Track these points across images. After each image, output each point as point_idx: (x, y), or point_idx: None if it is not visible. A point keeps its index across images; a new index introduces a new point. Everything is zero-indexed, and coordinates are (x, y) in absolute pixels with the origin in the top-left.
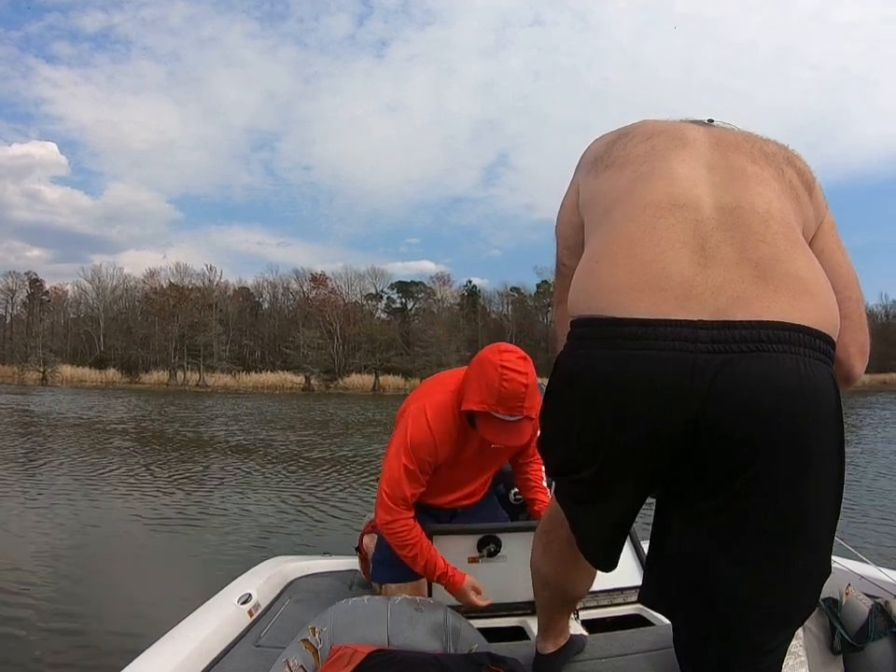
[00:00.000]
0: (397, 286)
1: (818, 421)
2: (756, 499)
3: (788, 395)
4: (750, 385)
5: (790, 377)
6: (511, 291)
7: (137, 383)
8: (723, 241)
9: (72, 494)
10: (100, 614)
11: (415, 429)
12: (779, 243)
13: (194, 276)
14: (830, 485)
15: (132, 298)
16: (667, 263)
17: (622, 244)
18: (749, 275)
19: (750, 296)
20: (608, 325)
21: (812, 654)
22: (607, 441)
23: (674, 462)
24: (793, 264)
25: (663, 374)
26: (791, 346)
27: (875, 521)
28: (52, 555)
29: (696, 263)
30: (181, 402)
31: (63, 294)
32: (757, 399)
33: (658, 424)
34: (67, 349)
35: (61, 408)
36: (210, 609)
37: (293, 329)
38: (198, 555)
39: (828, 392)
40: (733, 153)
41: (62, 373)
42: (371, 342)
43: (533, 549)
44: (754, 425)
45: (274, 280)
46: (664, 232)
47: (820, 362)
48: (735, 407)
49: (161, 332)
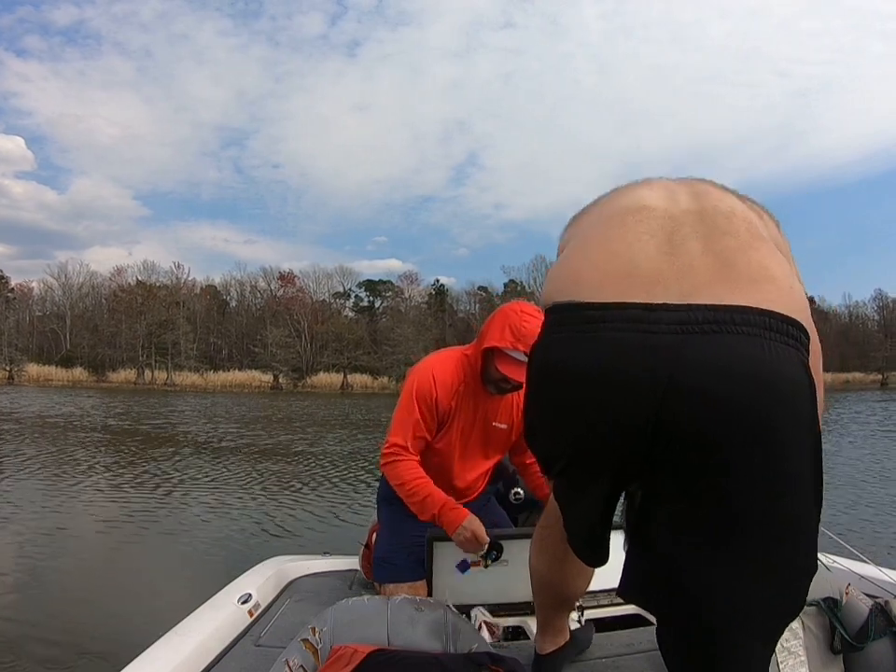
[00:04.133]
0: (364, 284)
1: (780, 406)
2: (725, 493)
3: (745, 379)
4: (706, 368)
5: (748, 360)
6: (479, 290)
7: (105, 381)
8: (689, 235)
9: (70, 494)
10: (100, 614)
11: (421, 378)
12: (742, 235)
13: (162, 274)
14: (804, 480)
15: (98, 295)
16: (635, 253)
17: (592, 239)
18: (714, 264)
19: (714, 283)
20: (568, 310)
21: (812, 654)
22: (569, 433)
23: (640, 453)
24: (757, 254)
25: (618, 358)
26: (754, 328)
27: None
28: (51, 556)
29: (664, 253)
30: (152, 402)
31: (29, 291)
32: (714, 382)
33: (617, 411)
34: (33, 347)
35: (37, 408)
36: (210, 608)
37: (261, 328)
38: (197, 555)
39: (794, 377)
40: (695, 182)
41: (28, 372)
42: (339, 340)
43: (531, 545)
44: (710, 411)
45: (242, 278)
46: (633, 227)
47: (788, 346)
48: (690, 393)
49: (129, 330)
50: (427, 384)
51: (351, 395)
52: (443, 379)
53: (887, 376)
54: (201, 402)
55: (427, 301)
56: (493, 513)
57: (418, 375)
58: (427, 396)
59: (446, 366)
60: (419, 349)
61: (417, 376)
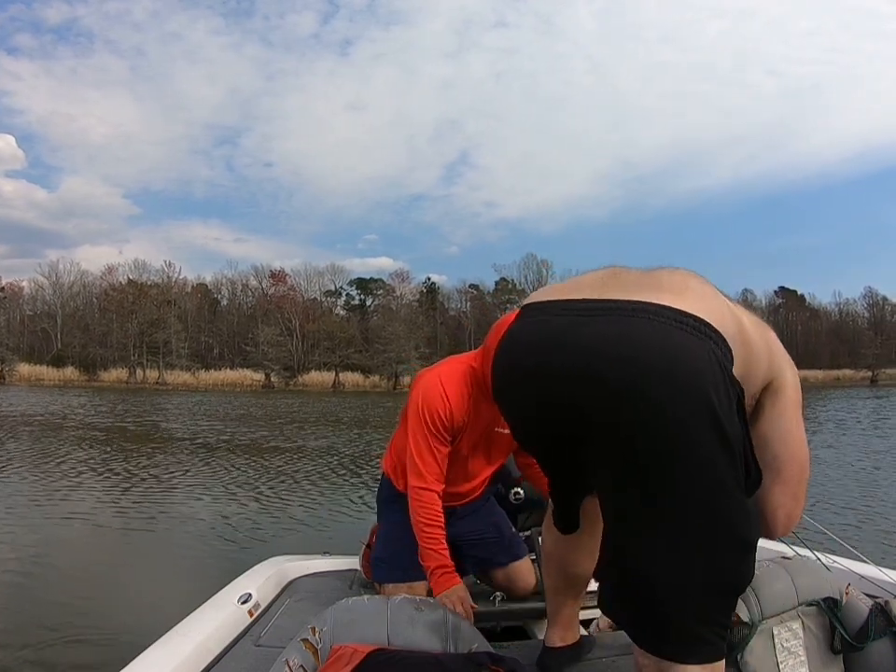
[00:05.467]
0: (356, 282)
1: (671, 385)
2: (627, 476)
3: (620, 359)
4: (598, 342)
5: (641, 339)
6: (470, 288)
7: (96, 381)
8: (630, 281)
9: (68, 494)
10: (99, 614)
11: (433, 401)
12: (676, 290)
13: (153, 272)
14: (710, 465)
15: (89, 294)
16: (581, 282)
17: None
18: (638, 290)
19: (639, 293)
20: (523, 307)
21: (812, 654)
22: (504, 407)
23: (556, 433)
24: (676, 281)
25: (525, 343)
26: (654, 315)
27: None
28: (50, 556)
29: (602, 283)
30: (146, 401)
31: (20, 290)
32: (585, 362)
33: (520, 392)
34: (24, 347)
35: (37, 408)
36: (210, 608)
37: (252, 326)
38: (198, 555)
39: (692, 361)
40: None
41: (19, 372)
42: (331, 339)
43: (543, 528)
44: (582, 390)
45: (233, 276)
46: (583, 277)
47: (693, 336)
48: (564, 373)
49: (120, 329)
50: (441, 407)
51: (343, 393)
52: (455, 398)
53: (876, 373)
54: (193, 401)
55: (419, 299)
56: (492, 513)
57: (428, 396)
58: (441, 420)
59: (454, 379)
60: (410, 347)
61: (428, 398)
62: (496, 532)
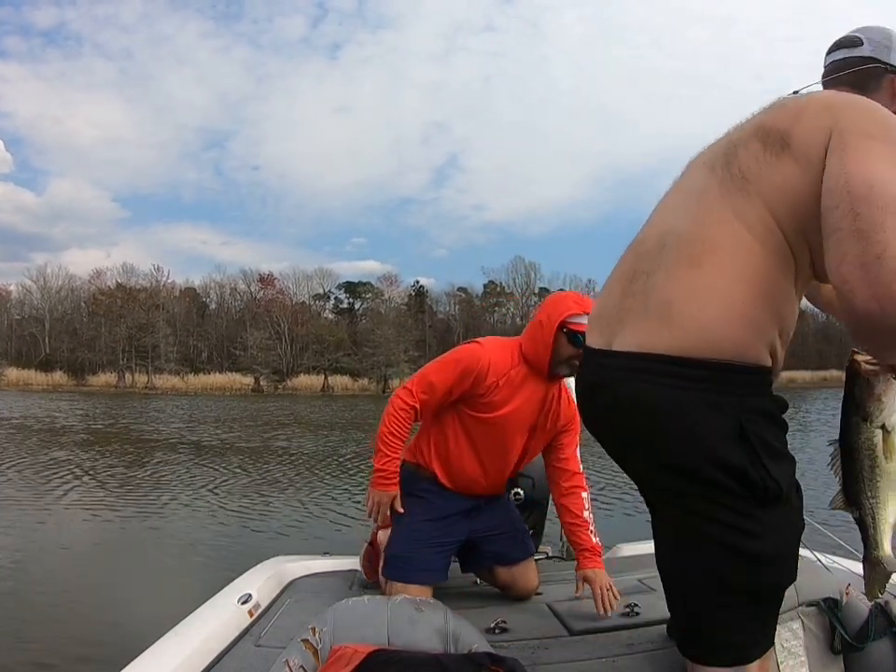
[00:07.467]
0: (344, 286)
1: (636, 440)
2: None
3: (611, 418)
4: (597, 405)
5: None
6: (459, 291)
7: (85, 385)
8: (640, 275)
9: (66, 497)
10: (100, 614)
11: (474, 349)
12: (671, 268)
13: (141, 276)
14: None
15: (77, 298)
16: (604, 297)
17: (609, 278)
18: (634, 306)
19: (626, 327)
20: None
21: (812, 654)
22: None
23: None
24: (666, 292)
25: (581, 388)
26: (625, 372)
27: None
28: (51, 557)
29: (621, 295)
30: (136, 405)
31: (7, 294)
32: (598, 418)
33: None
34: (12, 351)
35: (33, 412)
36: (210, 608)
37: (241, 330)
38: (198, 556)
39: (650, 412)
40: (698, 168)
41: (7, 376)
42: (320, 342)
43: None
44: (606, 437)
45: (222, 280)
46: (617, 270)
47: (660, 386)
48: (594, 422)
49: (108, 334)
50: (480, 354)
51: (332, 396)
52: (496, 358)
53: None
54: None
55: (407, 302)
56: (510, 509)
57: (472, 347)
58: (475, 363)
59: (497, 345)
60: (399, 350)
61: (471, 347)
62: (513, 528)
